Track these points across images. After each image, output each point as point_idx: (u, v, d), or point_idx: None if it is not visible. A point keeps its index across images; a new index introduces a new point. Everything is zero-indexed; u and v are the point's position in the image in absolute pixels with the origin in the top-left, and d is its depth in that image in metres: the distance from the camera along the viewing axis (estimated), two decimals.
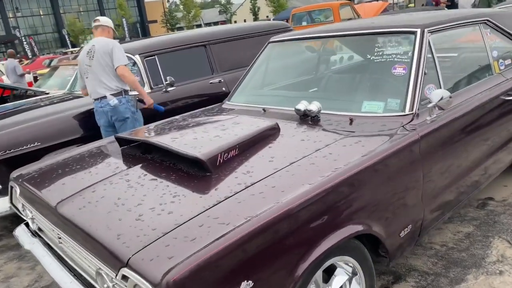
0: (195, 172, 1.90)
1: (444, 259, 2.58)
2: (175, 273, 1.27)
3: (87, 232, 1.62)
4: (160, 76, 4.52)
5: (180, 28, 67.50)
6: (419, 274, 2.47)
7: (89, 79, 3.92)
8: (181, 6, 68.35)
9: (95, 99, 3.88)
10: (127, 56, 4.40)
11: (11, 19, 60.05)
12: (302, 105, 2.38)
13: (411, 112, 2.21)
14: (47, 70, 16.77)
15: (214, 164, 1.88)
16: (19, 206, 2.48)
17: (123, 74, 3.81)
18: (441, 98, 2.12)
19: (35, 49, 39.51)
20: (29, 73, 10.51)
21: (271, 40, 3.35)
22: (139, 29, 62.28)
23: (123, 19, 49.98)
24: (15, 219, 3.82)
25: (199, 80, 4.81)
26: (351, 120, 2.26)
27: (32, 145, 3.64)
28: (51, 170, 2.38)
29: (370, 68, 2.60)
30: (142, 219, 1.59)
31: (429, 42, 2.43)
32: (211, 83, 4.87)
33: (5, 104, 5.95)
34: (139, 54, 4.42)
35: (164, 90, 4.45)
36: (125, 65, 3.84)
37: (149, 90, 4.37)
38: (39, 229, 2.29)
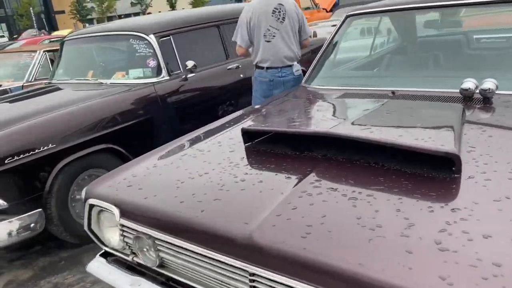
0: (428, 174, 1.39)
1: None
2: None
3: (361, 276, 1.04)
4: (176, 60, 3.80)
5: (91, 20, 63.18)
6: None
7: (272, 44, 3.35)
8: None
9: (274, 67, 3.39)
10: (136, 35, 3.68)
11: None
12: (471, 84, 1.94)
13: None
14: None
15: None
16: (110, 234, 1.76)
17: (307, 45, 3.65)
18: None
19: None
20: None
21: (351, 13, 2.86)
22: (44, 20, 57.30)
23: (31, 8, 45.55)
24: None
25: (216, 66, 4.16)
26: None
27: (45, 147, 2.78)
28: (166, 180, 1.69)
29: None
30: (451, 250, 1.05)
31: None
32: (228, 69, 4.24)
33: None
34: (154, 34, 3.66)
35: (183, 77, 3.74)
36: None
37: (167, 77, 3.64)
38: (161, 264, 1.60)
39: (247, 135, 1.85)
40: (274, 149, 1.77)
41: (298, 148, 1.72)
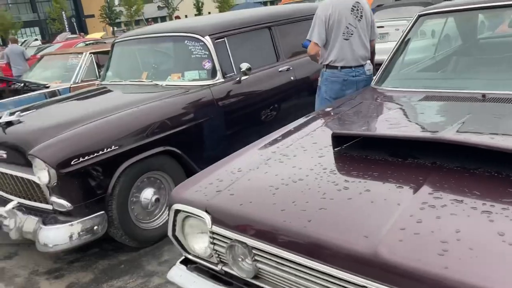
0: None
1: None
2: None
3: None
4: (230, 62, 3.72)
5: (120, 23, 64.31)
6: None
7: (349, 42, 3.26)
8: (116, 1, 65.36)
9: (348, 67, 3.29)
10: (192, 36, 3.62)
11: None
12: None
13: None
14: None
15: None
16: (195, 240, 1.68)
17: (373, 47, 3.49)
18: None
19: None
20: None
21: (423, 13, 2.73)
22: (74, 24, 58.71)
23: (63, 12, 46.79)
24: None
25: (267, 68, 4.07)
26: None
27: (109, 149, 2.74)
28: (258, 186, 1.61)
29: None
30: None
31: None
32: (280, 71, 4.15)
33: (9, 99, 4.85)
34: (209, 35, 3.60)
35: (237, 79, 3.67)
36: None
37: (222, 80, 3.57)
38: (256, 275, 1.51)
39: (337, 139, 1.74)
40: (369, 155, 1.67)
41: (398, 154, 1.61)
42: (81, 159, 2.62)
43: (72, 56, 5.78)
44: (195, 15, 59.63)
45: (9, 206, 2.76)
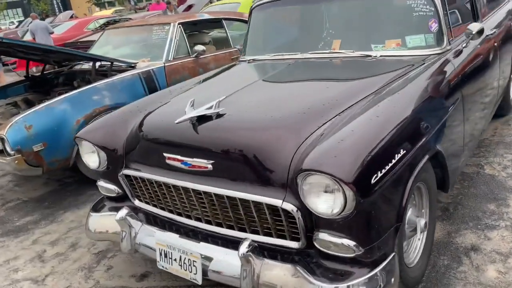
0: None
1: None
2: None
3: None
4: (448, 22, 2.71)
5: (104, 4, 61.49)
6: None
7: None
8: None
9: None
10: None
11: None
12: None
13: None
14: None
15: None
16: None
17: None
18: None
19: None
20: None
21: None
22: (60, 3, 56.10)
23: None
24: None
25: None
26: None
27: (398, 155, 1.74)
28: None
29: None
30: None
31: None
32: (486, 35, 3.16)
33: (101, 82, 3.79)
34: None
35: (464, 45, 2.67)
36: None
37: (449, 46, 2.57)
38: None
39: None
40: None
41: None
42: (379, 174, 1.61)
43: (157, 28, 4.66)
44: None
45: (244, 248, 1.75)
